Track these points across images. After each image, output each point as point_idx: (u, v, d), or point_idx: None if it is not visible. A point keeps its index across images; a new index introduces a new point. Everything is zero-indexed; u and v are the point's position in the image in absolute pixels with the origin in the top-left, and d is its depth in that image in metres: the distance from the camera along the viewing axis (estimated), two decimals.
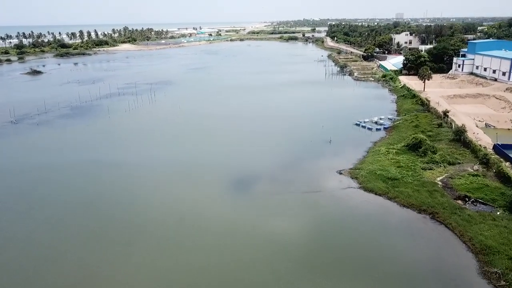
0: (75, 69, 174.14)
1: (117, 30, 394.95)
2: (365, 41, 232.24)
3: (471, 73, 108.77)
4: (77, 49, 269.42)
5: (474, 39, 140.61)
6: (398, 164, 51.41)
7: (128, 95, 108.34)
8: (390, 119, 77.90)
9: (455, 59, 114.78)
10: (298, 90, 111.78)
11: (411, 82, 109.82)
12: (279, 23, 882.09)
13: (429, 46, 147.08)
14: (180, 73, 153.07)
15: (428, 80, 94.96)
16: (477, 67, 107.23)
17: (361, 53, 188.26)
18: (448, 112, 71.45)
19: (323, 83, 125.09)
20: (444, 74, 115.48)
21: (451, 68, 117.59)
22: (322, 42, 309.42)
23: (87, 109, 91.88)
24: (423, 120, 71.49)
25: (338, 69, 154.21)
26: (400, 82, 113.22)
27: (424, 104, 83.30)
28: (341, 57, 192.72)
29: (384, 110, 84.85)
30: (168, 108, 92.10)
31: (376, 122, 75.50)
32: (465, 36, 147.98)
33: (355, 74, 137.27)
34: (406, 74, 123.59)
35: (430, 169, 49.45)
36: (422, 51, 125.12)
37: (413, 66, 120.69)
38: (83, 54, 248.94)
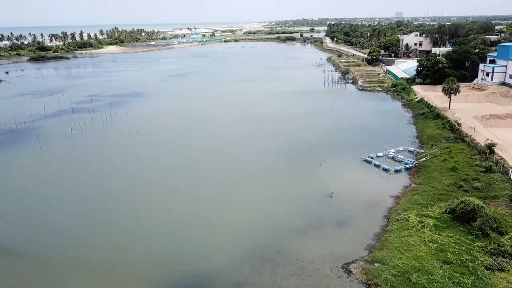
0: (41, 76, 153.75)
1: (105, 31, 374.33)
2: (368, 42, 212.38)
3: (503, 83, 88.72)
4: (57, 51, 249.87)
5: (499, 40, 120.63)
6: (443, 254, 31.27)
7: (83, 112, 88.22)
8: (412, 152, 57.85)
9: (481, 65, 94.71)
10: (291, 104, 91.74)
11: (430, 94, 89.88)
12: (277, 23, 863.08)
13: (444, 49, 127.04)
14: (157, 81, 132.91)
15: (455, 95, 74.84)
16: (511, 76, 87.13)
17: (365, 56, 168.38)
18: (494, 146, 51.46)
19: (322, 94, 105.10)
20: (468, 84, 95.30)
21: (476, 76, 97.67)
22: (321, 43, 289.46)
23: (19, 135, 71.76)
24: (460, 158, 51.36)
25: (339, 75, 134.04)
26: (415, 94, 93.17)
27: (454, 129, 63.24)
28: (342, 60, 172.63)
29: (400, 136, 64.90)
30: (122, 133, 71.94)
31: (393, 158, 55.44)
32: (487, 37, 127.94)
33: (359, 82, 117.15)
34: (420, 83, 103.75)
35: (501, 269, 29.31)
36: (439, 55, 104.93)
37: (429, 73, 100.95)
38: (61, 57, 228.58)
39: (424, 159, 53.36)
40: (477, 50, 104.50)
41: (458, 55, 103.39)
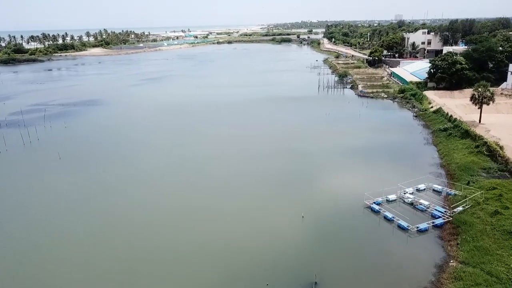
0: None
1: (92, 33, 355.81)
2: (368, 42, 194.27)
3: None
4: (34, 54, 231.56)
5: None
6: None
7: (11, 126, 69.82)
8: (439, 192, 39.25)
9: None
10: (275, 116, 73.19)
11: (448, 102, 71.54)
12: (275, 25, 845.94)
13: (458, 48, 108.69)
14: (124, 87, 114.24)
15: (488, 104, 56.31)
16: None
17: (365, 56, 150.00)
18: None
19: (315, 101, 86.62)
20: (495, 89, 76.52)
21: (503, 80, 79.35)
22: (318, 44, 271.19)
23: None
24: None
25: (336, 78, 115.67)
26: (430, 102, 74.69)
27: (496, 155, 44.57)
28: (339, 62, 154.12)
29: (418, 164, 46.50)
30: (40, 159, 53.13)
31: (412, 204, 36.80)
32: (510, 33, 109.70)
33: (360, 87, 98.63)
34: (434, 88, 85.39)
35: None
36: (456, 54, 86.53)
37: (445, 76, 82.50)
38: (34, 60, 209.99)
39: (460, 208, 34.70)
40: (501, 48, 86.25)
41: (480, 54, 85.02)
